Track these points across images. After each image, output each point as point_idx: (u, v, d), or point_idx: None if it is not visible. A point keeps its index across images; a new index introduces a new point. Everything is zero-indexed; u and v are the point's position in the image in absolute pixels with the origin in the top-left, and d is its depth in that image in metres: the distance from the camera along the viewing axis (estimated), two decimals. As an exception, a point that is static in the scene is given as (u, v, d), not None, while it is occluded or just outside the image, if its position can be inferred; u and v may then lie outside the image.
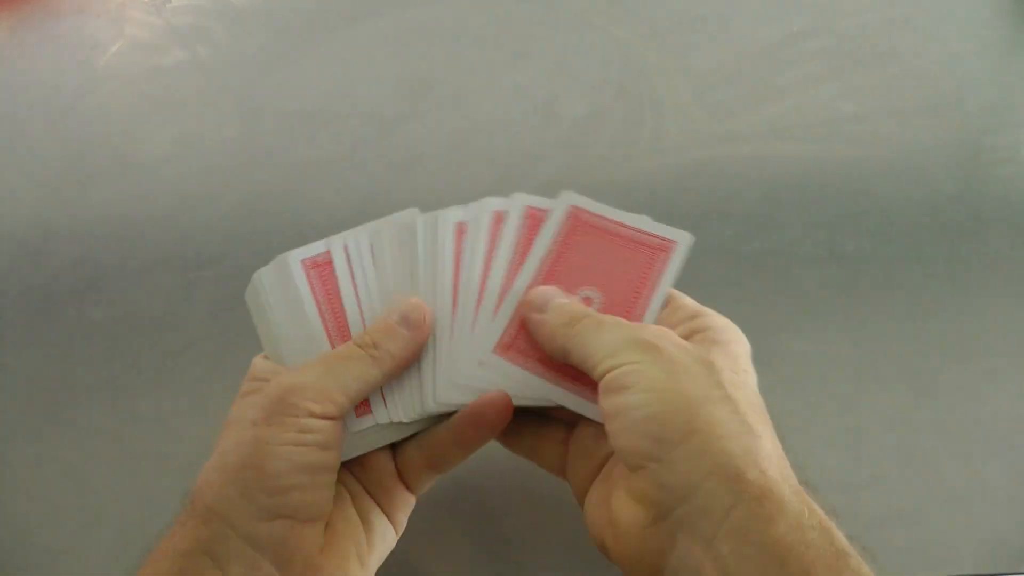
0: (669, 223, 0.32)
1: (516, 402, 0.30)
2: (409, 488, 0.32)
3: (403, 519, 0.32)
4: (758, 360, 0.29)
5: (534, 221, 0.33)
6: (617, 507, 0.27)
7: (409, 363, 0.31)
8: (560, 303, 0.30)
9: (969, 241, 0.43)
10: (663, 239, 0.32)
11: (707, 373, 0.27)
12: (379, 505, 0.31)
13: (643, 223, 0.33)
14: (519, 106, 0.48)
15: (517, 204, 0.33)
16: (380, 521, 0.31)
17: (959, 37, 0.50)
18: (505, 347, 0.31)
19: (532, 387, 0.30)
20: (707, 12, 0.51)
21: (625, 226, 0.33)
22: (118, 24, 0.52)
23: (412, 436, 0.31)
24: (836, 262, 0.43)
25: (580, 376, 0.29)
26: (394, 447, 0.32)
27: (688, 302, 0.32)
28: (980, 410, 0.39)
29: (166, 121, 0.48)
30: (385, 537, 0.31)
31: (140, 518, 0.37)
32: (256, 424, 0.28)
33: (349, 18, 0.51)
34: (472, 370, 0.31)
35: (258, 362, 0.32)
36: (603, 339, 0.28)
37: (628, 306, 0.32)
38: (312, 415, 0.28)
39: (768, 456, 0.25)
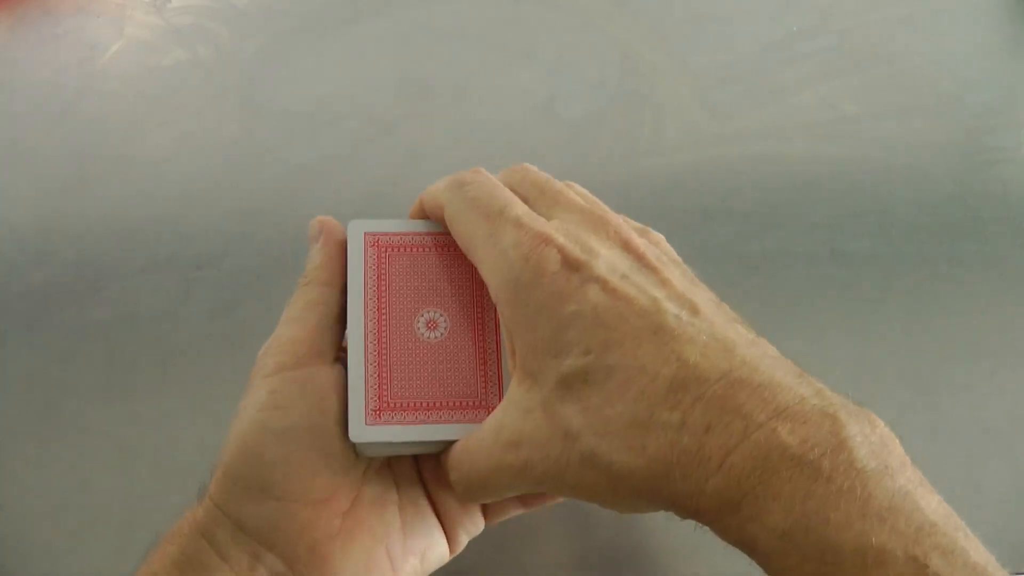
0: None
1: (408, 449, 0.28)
2: (487, 515, 0.29)
3: (464, 539, 0.29)
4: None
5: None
6: None
7: (339, 270, 0.29)
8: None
9: (969, 241, 0.43)
10: None
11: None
12: (438, 515, 0.28)
13: (436, 227, 0.30)
14: (519, 106, 0.48)
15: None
16: (427, 530, 0.28)
17: (959, 37, 0.50)
18: (376, 413, 0.27)
19: (423, 436, 0.27)
20: (707, 12, 0.51)
21: (424, 234, 0.30)
22: (118, 24, 0.52)
23: None
24: (836, 262, 0.43)
25: (463, 401, 0.27)
26: None
27: None
28: (980, 410, 0.39)
29: (166, 121, 0.48)
30: (430, 551, 0.28)
31: (140, 518, 0.37)
32: (243, 397, 0.26)
33: (349, 18, 0.51)
34: (366, 451, 0.28)
35: None
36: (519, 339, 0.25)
37: (477, 312, 0.29)
38: (284, 368, 0.26)
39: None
